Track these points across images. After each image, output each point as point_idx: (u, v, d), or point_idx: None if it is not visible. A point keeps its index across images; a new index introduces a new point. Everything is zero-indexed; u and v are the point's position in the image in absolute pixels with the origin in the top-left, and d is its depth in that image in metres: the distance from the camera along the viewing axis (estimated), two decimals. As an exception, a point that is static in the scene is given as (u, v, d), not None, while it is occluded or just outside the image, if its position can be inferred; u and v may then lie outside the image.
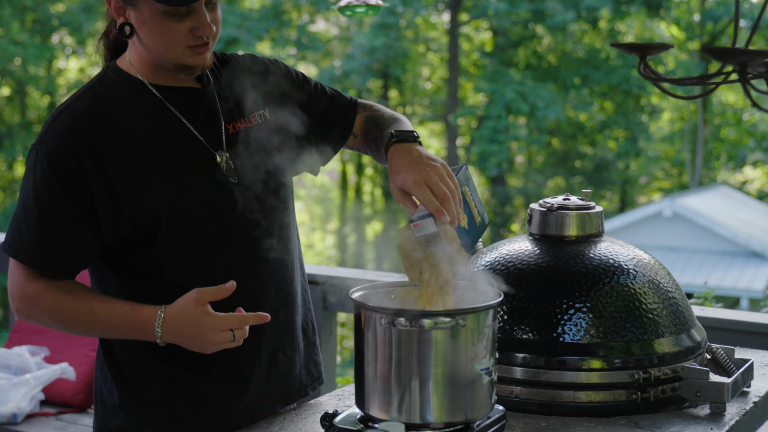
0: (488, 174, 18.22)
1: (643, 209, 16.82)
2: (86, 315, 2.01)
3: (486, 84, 17.92)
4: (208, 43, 2.03)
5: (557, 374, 2.05)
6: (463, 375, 1.81)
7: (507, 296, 2.09)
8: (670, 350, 2.10)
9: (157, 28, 1.99)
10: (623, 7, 17.98)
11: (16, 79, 18.31)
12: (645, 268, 2.19)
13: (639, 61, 1.74)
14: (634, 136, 19.33)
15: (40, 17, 18.07)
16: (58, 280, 2.03)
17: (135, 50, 2.07)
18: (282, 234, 2.19)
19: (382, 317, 1.80)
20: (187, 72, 2.06)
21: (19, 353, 3.61)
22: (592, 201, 2.31)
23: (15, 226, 2.03)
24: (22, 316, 2.07)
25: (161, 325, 1.96)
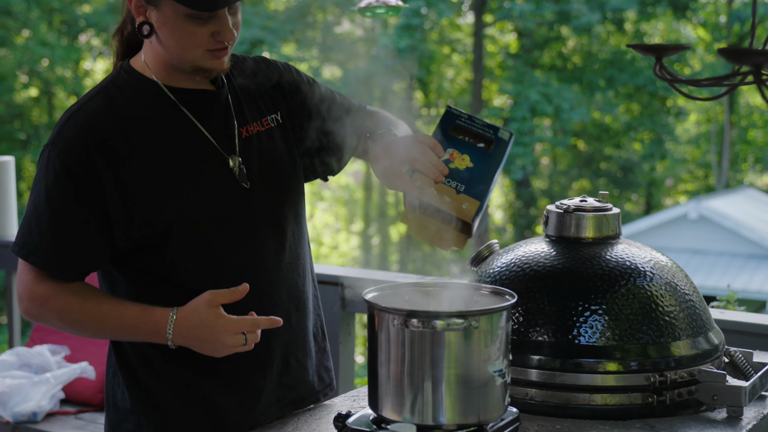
0: (513, 176, 18.16)
1: (668, 211, 16.72)
2: (96, 316, 2.00)
3: (511, 86, 17.87)
4: (227, 47, 2.02)
5: (573, 377, 2.04)
6: (475, 376, 1.80)
7: (522, 298, 2.08)
8: (687, 353, 2.08)
9: (179, 30, 1.97)
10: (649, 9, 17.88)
11: (43, 80, 18.44)
12: (662, 271, 2.17)
13: (655, 62, 1.73)
14: (660, 138, 19.22)
15: (67, 19, 18.18)
16: (68, 282, 2.03)
17: (151, 50, 2.06)
18: (294, 239, 2.18)
19: (395, 318, 1.80)
20: (204, 75, 2.06)
21: (40, 352, 3.64)
22: (617, 203, 2.30)
23: (26, 227, 2.03)
24: (31, 318, 2.06)
25: (173, 327, 1.96)
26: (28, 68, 17.91)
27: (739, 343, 2.61)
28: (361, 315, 3.83)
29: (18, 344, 4.16)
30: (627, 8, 17.28)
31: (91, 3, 18.34)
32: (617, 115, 18.86)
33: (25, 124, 18.42)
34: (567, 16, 17.19)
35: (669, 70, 1.72)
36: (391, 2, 3.34)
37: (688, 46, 1.72)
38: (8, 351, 3.75)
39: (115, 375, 2.14)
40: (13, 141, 17.92)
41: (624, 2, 16.91)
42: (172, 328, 1.96)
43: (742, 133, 21.05)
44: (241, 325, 1.95)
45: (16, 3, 16.94)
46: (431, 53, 18.68)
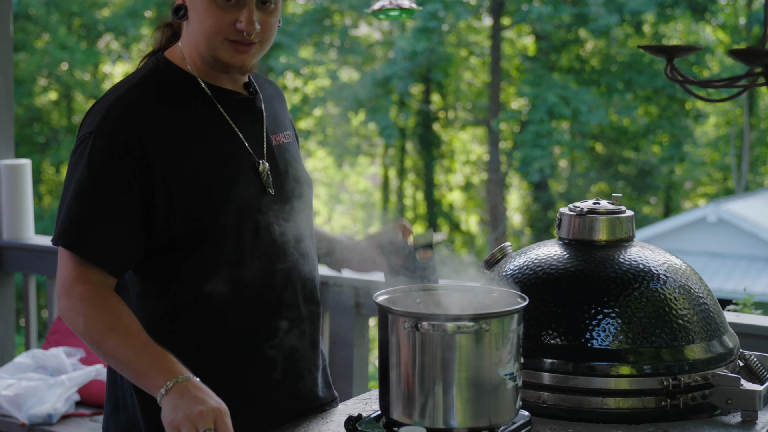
0: (530, 179, 18.11)
1: (686, 214, 16.63)
2: (113, 338, 1.92)
3: (528, 88, 17.83)
4: (250, 44, 1.99)
5: (585, 380, 2.03)
6: (487, 380, 1.80)
7: (535, 301, 2.07)
8: (701, 357, 2.07)
9: (203, 11, 1.97)
10: (668, 11, 17.80)
11: (62, 83, 18.53)
12: (676, 274, 2.16)
13: (666, 64, 1.72)
14: (679, 140, 19.13)
15: (86, 22, 18.27)
16: (106, 286, 1.96)
17: (186, 40, 2.05)
18: (310, 249, 2.18)
19: (406, 321, 1.79)
20: (224, 69, 2.03)
21: (56, 354, 3.65)
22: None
23: (66, 216, 1.95)
24: (63, 318, 1.99)
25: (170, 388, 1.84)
26: (48, 72, 18.00)
27: (755, 346, 2.59)
28: (375, 318, 3.82)
29: (35, 347, 4.18)
30: (645, 10, 17.19)
31: (109, 7, 18.42)
32: (635, 118, 18.78)
33: (44, 127, 18.51)
34: (585, 18, 17.13)
35: (680, 71, 1.71)
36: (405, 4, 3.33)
37: (699, 47, 1.72)
38: (24, 353, 3.76)
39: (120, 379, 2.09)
40: (33, 144, 18.01)
41: (642, 4, 16.83)
42: (174, 383, 1.84)
43: (762, 135, 20.93)
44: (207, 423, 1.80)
45: (36, 7, 17.03)
46: (449, 56, 18.66)
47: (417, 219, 21.03)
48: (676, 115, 19.00)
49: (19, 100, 17.28)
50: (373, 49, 19.23)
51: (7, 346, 4.23)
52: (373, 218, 21.60)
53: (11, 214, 4.16)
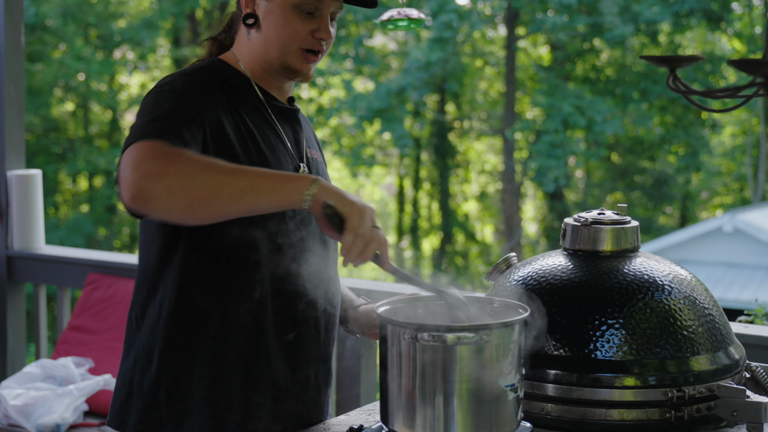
0: (545, 189, 18.08)
1: (702, 225, 16.56)
2: (229, 167, 1.89)
3: (543, 98, 17.81)
4: (319, 53, 2.13)
5: (590, 392, 2.02)
6: (487, 391, 1.79)
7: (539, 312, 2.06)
8: (707, 368, 2.05)
9: (282, 19, 2.10)
10: (683, 21, 17.75)
11: (79, 94, 18.62)
12: (681, 284, 2.14)
13: (669, 74, 1.71)
14: (695, 150, 19.06)
15: (102, 33, 18.36)
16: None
17: (247, 47, 2.16)
18: (334, 260, 2.25)
19: (405, 332, 1.79)
20: (291, 75, 2.16)
21: (64, 364, 3.66)
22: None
23: (140, 119, 1.97)
24: (142, 190, 1.85)
25: (320, 182, 1.88)
26: (64, 82, 18.10)
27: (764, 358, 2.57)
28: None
29: (45, 356, 4.19)
30: (661, 20, 17.15)
31: (126, 17, 18.51)
32: (651, 128, 18.73)
33: (61, 137, 18.60)
34: (600, 28, 17.11)
35: (682, 81, 1.70)
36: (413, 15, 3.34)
37: (702, 57, 1.71)
38: (33, 363, 3.77)
39: (149, 362, 2.08)
40: (50, 155, 18.10)
41: (657, 14, 16.79)
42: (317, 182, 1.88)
43: (779, 145, 20.83)
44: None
45: (53, 17, 17.13)
46: (463, 66, 18.66)
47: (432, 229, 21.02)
48: (691, 125, 18.94)
49: (36, 110, 17.37)
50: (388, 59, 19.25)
51: (18, 355, 4.24)
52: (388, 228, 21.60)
53: (22, 225, 4.18)
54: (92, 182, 19.06)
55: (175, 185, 1.82)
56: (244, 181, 1.85)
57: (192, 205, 1.84)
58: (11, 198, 4.17)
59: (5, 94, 4.11)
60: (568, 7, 16.70)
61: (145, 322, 2.10)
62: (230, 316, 2.05)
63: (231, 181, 1.84)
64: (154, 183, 1.83)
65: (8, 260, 4.24)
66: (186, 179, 1.83)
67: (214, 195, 1.84)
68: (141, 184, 1.83)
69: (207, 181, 1.83)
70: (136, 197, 1.83)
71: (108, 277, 4.01)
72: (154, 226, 2.08)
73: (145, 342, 2.09)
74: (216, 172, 1.85)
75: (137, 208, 1.85)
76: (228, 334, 2.05)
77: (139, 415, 2.08)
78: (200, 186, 1.83)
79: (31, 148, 17.72)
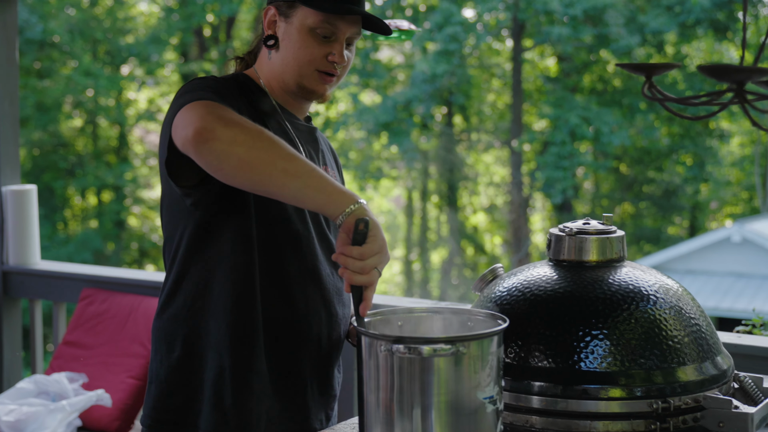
0: (553, 200, 18.04)
1: (710, 235, 16.49)
2: (289, 147, 1.95)
3: (550, 109, 17.79)
4: (334, 75, 2.19)
5: (575, 403, 1.99)
6: (466, 403, 1.77)
7: (523, 323, 2.04)
8: (693, 379, 2.02)
9: (299, 41, 2.16)
10: (689, 31, 17.72)
11: (87, 110, 18.68)
12: (667, 294, 2.12)
13: (644, 82, 1.70)
14: (702, 160, 19.01)
15: (110, 49, 18.43)
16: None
17: (267, 66, 2.23)
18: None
19: (382, 344, 1.77)
20: (307, 96, 2.22)
21: (58, 380, 3.64)
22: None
23: (191, 91, 2.03)
24: (207, 129, 1.90)
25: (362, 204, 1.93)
26: (73, 98, 18.16)
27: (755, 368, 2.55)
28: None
29: (40, 372, 4.18)
30: (667, 30, 17.13)
31: (133, 33, 18.57)
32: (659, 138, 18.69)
33: (69, 153, 18.66)
34: (606, 39, 17.09)
35: (659, 89, 1.68)
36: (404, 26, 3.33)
37: (678, 65, 1.69)
38: (26, 378, 3.76)
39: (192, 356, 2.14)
40: (58, 170, 18.16)
41: (664, 24, 16.77)
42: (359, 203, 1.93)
43: (787, 154, 20.76)
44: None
45: (61, 34, 17.20)
46: (470, 78, 18.66)
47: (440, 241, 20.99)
48: (699, 135, 18.89)
49: (44, 126, 17.44)
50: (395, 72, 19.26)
51: (14, 371, 4.24)
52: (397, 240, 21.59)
53: (17, 240, 4.18)
54: (101, 197, 19.11)
55: (240, 137, 1.87)
56: (301, 166, 1.90)
57: (248, 161, 1.87)
58: (6, 213, 4.17)
59: (0, 110, 4.12)
60: (574, 18, 16.69)
61: (170, 310, 2.15)
62: (258, 308, 2.10)
63: (290, 160, 1.89)
64: (224, 127, 1.88)
65: (4, 276, 4.24)
66: (253, 137, 1.88)
67: (271, 163, 1.87)
68: (210, 123, 1.88)
69: (270, 147, 1.88)
70: (201, 133, 1.87)
71: (102, 291, 4.01)
72: (184, 213, 2.11)
73: (167, 330, 2.15)
74: (280, 145, 1.90)
75: (195, 144, 1.88)
76: (254, 324, 2.10)
77: (154, 402, 2.16)
78: (263, 148, 1.88)
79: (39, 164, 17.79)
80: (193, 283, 2.12)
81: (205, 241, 2.10)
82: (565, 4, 16.56)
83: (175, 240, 2.15)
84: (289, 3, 2.19)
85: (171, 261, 2.17)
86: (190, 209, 2.09)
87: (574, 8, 16.51)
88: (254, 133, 1.89)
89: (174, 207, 2.13)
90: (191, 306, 2.12)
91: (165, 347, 2.16)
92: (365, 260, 1.86)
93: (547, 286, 2.13)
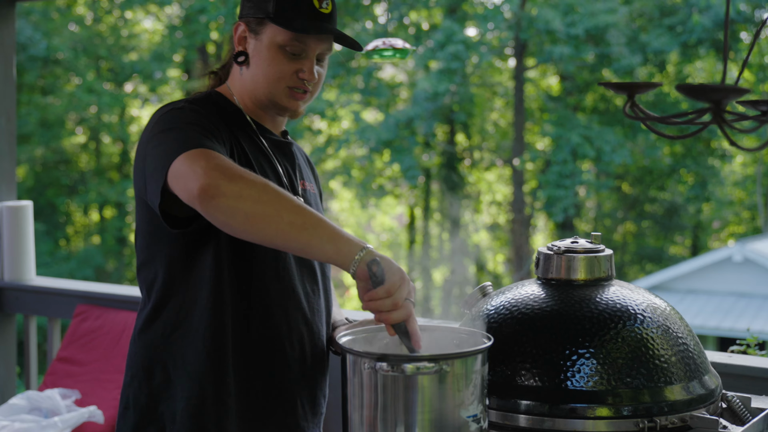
0: (555, 219, 18.03)
1: (712, 254, 16.46)
2: (294, 198, 1.91)
3: (552, 128, 17.81)
4: (306, 91, 2.18)
5: (561, 422, 1.99)
6: (449, 422, 1.77)
7: (510, 341, 2.04)
8: (680, 398, 2.02)
9: (269, 59, 2.15)
10: (691, 51, 17.74)
11: (90, 126, 18.72)
12: (654, 313, 2.12)
13: (627, 101, 1.70)
14: (704, 180, 19.00)
15: (113, 66, 18.48)
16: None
17: (239, 82, 2.22)
18: (327, 292, 2.31)
19: (366, 362, 1.77)
20: (280, 112, 2.21)
21: (50, 396, 3.64)
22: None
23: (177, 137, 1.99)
24: (212, 185, 1.87)
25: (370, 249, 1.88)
26: (76, 115, 18.21)
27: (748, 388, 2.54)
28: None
29: (35, 388, 4.18)
30: (669, 50, 17.16)
31: (137, 50, 18.63)
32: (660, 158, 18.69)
33: (71, 169, 18.69)
34: (608, 58, 17.12)
35: (641, 108, 1.69)
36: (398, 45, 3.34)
37: (660, 84, 1.69)
38: (19, 395, 3.75)
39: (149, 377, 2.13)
40: (60, 186, 18.19)
41: (665, 44, 16.80)
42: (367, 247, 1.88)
43: (790, 174, 20.74)
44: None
45: (65, 51, 17.26)
46: (472, 96, 18.69)
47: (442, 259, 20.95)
48: (701, 155, 18.89)
49: (47, 142, 17.48)
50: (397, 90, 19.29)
51: (8, 387, 4.23)
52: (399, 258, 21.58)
53: (12, 256, 4.18)
54: (103, 214, 19.13)
55: (246, 192, 1.85)
56: (308, 218, 1.85)
57: (255, 216, 1.85)
58: (2, 229, 4.17)
59: (-3, 126, 4.13)
60: (576, 37, 16.72)
61: (149, 335, 2.13)
62: (238, 332, 2.09)
63: (296, 212, 1.85)
64: (229, 182, 1.85)
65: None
66: (259, 191, 1.85)
67: (277, 216, 1.85)
68: (215, 179, 1.85)
69: (276, 200, 1.85)
70: (206, 190, 1.85)
71: (96, 308, 4.00)
72: (164, 241, 2.09)
73: (146, 356, 2.13)
74: (286, 197, 1.87)
75: (202, 201, 1.86)
76: (236, 349, 2.09)
77: (134, 429, 2.12)
78: (269, 202, 1.85)
79: (41, 180, 17.82)
80: (173, 309, 2.09)
81: (186, 267, 2.08)
82: (567, 24, 16.60)
83: (155, 265, 2.12)
84: (258, 20, 2.18)
85: (149, 286, 2.14)
86: (176, 236, 2.06)
87: (576, 28, 16.55)
88: (259, 186, 1.86)
89: (155, 233, 2.10)
90: (171, 333, 2.09)
91: (144, 373, 2.12)
92: (393, 295, 1.82)
93: (535, 305, 2.13)
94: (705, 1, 16.64)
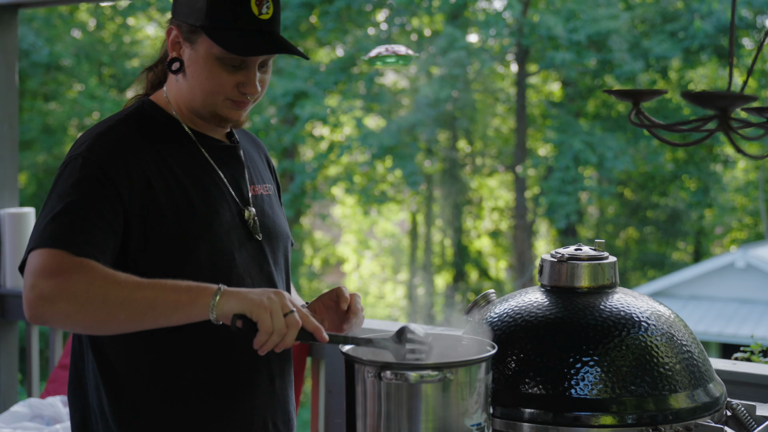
0: (557, 225, 18.02)
1: (714, 260, 16.45)
2: (129, 285, 1.82)
3: (554, 134, 17.81)
4: (249, 101, 2.03)
5: (566, 430, 1.98)
6: (453, 430, 1.76)
7: (514, 349, 2.03)
8: (685, 406, 2.01)
9: (206, 71, 1.98)
10: (693, 57, 17.75)
11: (92, 133, 18.75)
12: (658, 321, 2.11)
13: (632, 108, 1.69)
14: (707, 186, 18.99)
15: (116, 73, 18.51)
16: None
17: (175, 89, 2.06)
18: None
19: (369, 370, 1.76)
20: (220, 123, 2.07)
21: (52, 403, 3.63)
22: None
23: (41, 223, 1.90)
24: (37, 314, 1.84)
25: (223, 290, 1.83)
26: (78, 121, 18.23)
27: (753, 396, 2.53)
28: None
29: (36, 395, 4.17)
30: (671, 56, 17.16)
31: (139, 57, 18.65)
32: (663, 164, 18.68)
33: (73, 176, 18.70)
34: (610, 64, 17.12)
35: (646, 115, 1.68)
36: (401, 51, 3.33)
37: (665, 91, 1.69)
38: (21, 402, 3.75)
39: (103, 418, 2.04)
40: (62, 193, 18.19)
41: (667, 50, 16.81)
42: (221, 290, 1.83)
43: (792, 180, 20.73)
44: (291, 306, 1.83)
45: (67, 57, 17.29)
46: (474, 103, 18.69)
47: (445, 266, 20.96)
48: (703, 161, 18.88)
49: (49, 149, 17.49)
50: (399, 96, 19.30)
51: (10, 394, 4.22)
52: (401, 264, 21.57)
53: (14, 263, 4.18)
54: (104, 220, 19.12)
55: (70, 309, 1.81)
56: (143, 299, 1.81)
57: (91, 325, 1.85)
58: (4, 236, 4.17)
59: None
60: (578, 43, 16.73)
61: (87, 382, 2.05)
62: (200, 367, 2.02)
63: (130, 301, 1.81)
64: (50, 308, 1.81)
65: (1, 298, 4.24)
66: (81, 303, 1.80)
67: (111, 317, 1.82)
68: (37, 308, 1.82)
69: (104, 302, 1.80)
70: (33, 319, 1.84)
71: (99, 315, 3.99)
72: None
73: (92, 399, 2.04)
74: (115, 290, 1.80)
75: (37, 324, 1.86)
76: (200, 385, 2.02)
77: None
78: (97, 308, 1.80)
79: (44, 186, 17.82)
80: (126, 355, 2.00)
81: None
82: (569, 30, 16.61)
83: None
84: (192, 27, 2.00)
85: (74, 342, 2.08)
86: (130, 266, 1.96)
87: (578, 34, 16.56)
88: (83, 296, 1.79)
89: None
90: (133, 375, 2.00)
91: (96, 415, 2.03)
92: (273, 329, 1.78)
93: (539, 312, 2.12)
94: (707, 7, 16.65)
